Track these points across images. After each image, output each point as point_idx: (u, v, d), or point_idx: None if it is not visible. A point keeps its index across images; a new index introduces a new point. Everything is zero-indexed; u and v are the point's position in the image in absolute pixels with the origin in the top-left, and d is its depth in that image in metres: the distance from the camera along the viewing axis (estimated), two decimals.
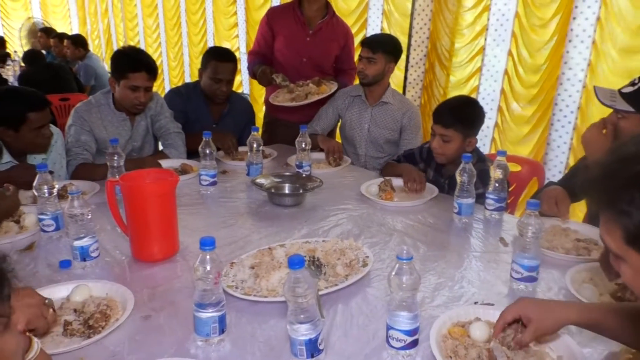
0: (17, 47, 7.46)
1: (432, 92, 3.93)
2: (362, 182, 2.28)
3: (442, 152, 2.17)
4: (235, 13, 5.27)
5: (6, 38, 8.50)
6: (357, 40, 3.91)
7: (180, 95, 2.87)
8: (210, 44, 5.79)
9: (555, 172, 3.53)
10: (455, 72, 3.80)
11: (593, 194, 0.83)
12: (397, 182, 2.24)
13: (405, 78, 3.96)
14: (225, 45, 5.51)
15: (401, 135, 2.77)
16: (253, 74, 3.08)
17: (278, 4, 4.94)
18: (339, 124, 3.00)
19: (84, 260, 1.49)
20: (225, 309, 1.18)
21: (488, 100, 3.78)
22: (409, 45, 3.78)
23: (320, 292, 1.31)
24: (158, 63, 6.88)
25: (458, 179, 1.87)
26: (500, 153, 1.85)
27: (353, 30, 3.92)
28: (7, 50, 6.99)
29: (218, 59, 2.77)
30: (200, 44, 5.89)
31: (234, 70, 2.84)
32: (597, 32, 3.16)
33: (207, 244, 1.11)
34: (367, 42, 2.68)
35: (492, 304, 1.31)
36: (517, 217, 2.00)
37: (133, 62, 2.35)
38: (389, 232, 1.83)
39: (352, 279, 1.42)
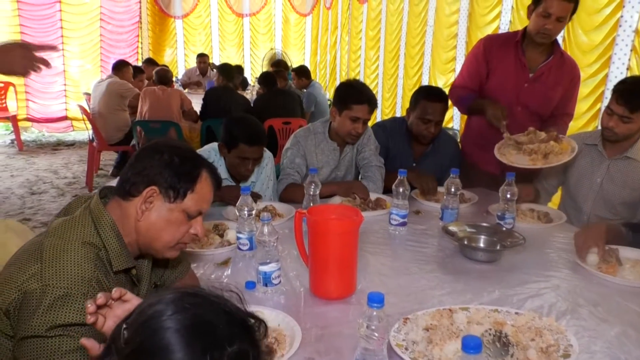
0: (259, 74, 8.59)
1: None
2: None
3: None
4: (455, 47, 5.14)
5: (251, 66, 9.88)
6: (593, 81, 3.40)
7: (384, 130, 2.85)
8: (425, 77, 5.75)
9: None
10: None
11: None
12: (627, 253, 1.83)
13: None
14: (440, 79, 5.40)
15: None
16: (467, 109, 2.81)
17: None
18: None
19: (266, 285, 1.53)
20: None
21: None
22: None
23: None
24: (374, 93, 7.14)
25: None
26: None
27: (592, 69, 3.39)
28: (245, 76, 8.10)
29: (429, 99, 2.65)
30: (415, 77, 5.89)
31: (444, 111, 2.70)
32: None
33: (375, 300, 1.02)
34: (625, 98, 2.10)
35: None
36: None
37: (358, 95, 2.45)
38: (606, 317, 1.47)
39: None
